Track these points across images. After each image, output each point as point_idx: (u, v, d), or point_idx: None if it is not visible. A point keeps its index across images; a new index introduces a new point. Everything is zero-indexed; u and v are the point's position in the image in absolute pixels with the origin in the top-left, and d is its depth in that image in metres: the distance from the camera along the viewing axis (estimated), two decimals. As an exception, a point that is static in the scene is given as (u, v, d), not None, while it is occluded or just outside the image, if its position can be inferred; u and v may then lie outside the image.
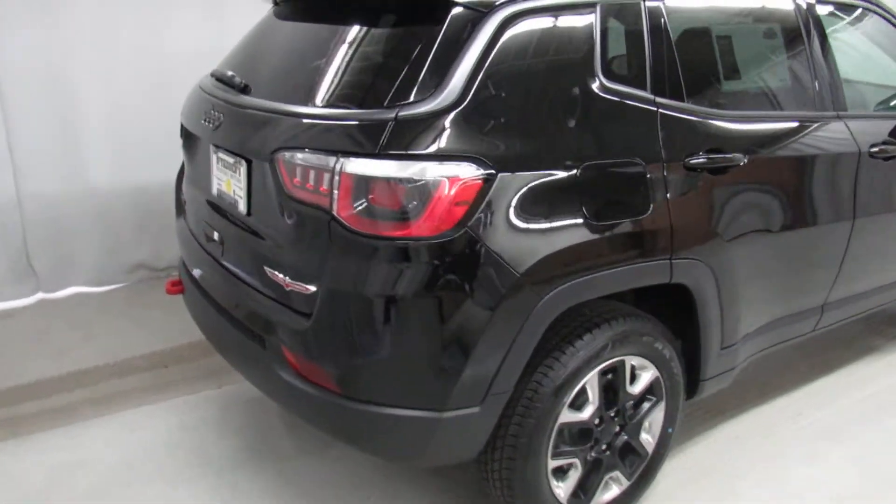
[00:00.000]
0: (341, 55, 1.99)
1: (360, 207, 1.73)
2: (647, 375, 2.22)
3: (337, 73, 1.96)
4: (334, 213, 1.75)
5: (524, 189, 1.79)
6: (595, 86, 1.94)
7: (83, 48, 3.81)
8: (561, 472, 2.14)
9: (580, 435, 2.13)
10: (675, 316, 2.27)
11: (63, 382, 3.17)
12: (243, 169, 2.11)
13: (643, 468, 2.34)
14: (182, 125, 2.57)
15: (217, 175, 2.31)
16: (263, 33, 2.42)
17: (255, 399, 3.05)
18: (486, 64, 1.79)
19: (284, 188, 1.86)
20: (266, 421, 2.90)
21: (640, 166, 1.99)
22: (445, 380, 1.79)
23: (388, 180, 1.70)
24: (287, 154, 1.85)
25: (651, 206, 2.00)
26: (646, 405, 2.27)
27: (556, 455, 2.08)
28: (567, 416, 2.05)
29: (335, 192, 1.74)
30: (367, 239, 1.73)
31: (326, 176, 1.76)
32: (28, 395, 3.07)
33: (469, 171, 1.72)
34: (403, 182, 1.70)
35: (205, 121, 2.24)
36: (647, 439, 2.31)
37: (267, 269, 1.99)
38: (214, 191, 2.34)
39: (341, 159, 1.73)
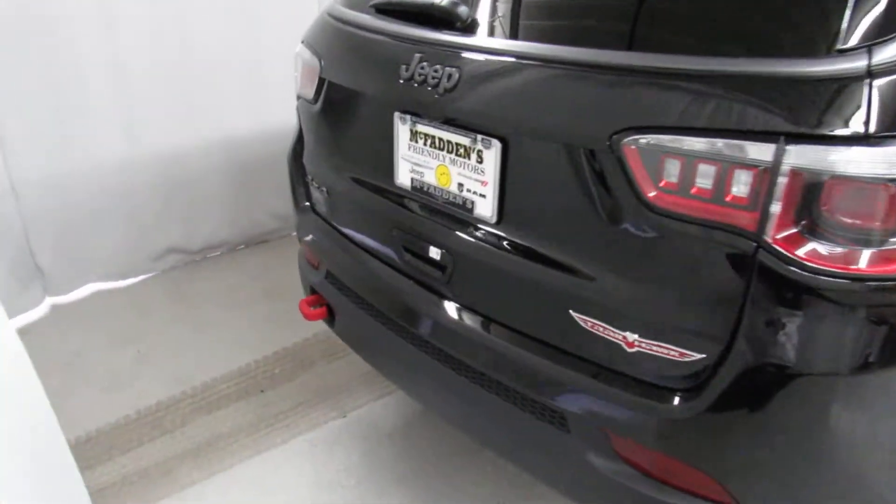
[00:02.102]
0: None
1: (815, 228, 1.03)
2: None
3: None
4: (767, 237, 1.05)
5: None
6: None
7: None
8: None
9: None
10: None
11: (136, 430, 2.41)
12: (492, 154, 1.36)
13: None
14: (325, 83, 1.74)
15: (410, 158, 1.55)
16: None
17: (401, 429, 2.37)
18: None
19: (640, 194, 1.14)
20: (430, 460, 2.24)
21: None
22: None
23: (876, 181, 1.00)
24: (649, 139, 1.11)
25: None
26: None
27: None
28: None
29: (774, 203, 1.03)
30: (820, 278, 1.04)
31: (747, 176, 1.04)
32: (95, 454, 2.30)
33: None
34: (897, 182, 1.00)
35: (411, 79, 1.44)
36: None
37: (578, 316, 1.28)
38: (405, 181, 1.58)
39: (787, 147, 1.01)
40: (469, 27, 1.41)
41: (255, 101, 3.41)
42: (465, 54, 1.37)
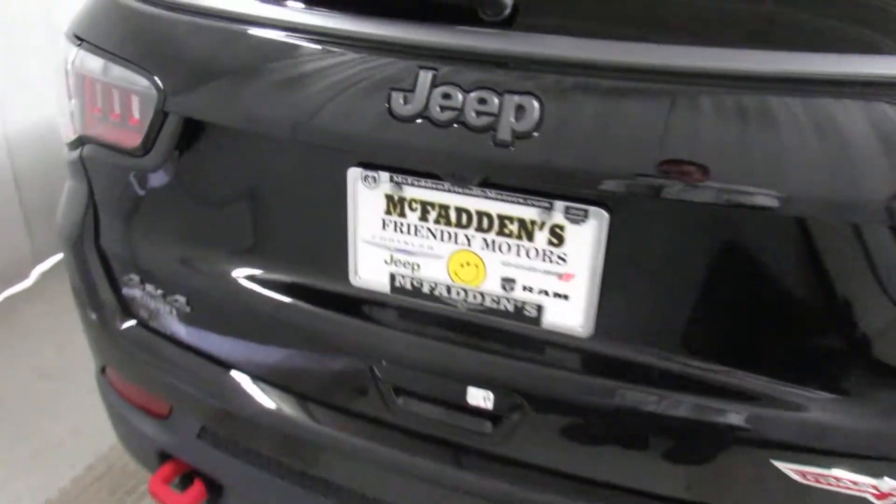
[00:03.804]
0: None
1: None
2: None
3: None
4: None
5: None
6: None
7: None
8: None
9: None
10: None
11: None
12: (586, 231, 0.82)
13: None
14: (170, 120, 0.96)
15: (387, 242, 0.92)
16: None
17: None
18: None
19: None
20: None
21: None
22: None
23: None
24: None
25: None
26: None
27: None
28: None
29: None
30: None
31: None
32: None
33: None
34: None
35: (421, 116, 0.80)
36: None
37: (788, 467, 0.82)
38: (375, 279, 0.94)
39: None
40: (511, 19, 0.81)
41: None
42: (557, 71, 0.77)
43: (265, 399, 1.07)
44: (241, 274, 1.03)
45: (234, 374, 1.08)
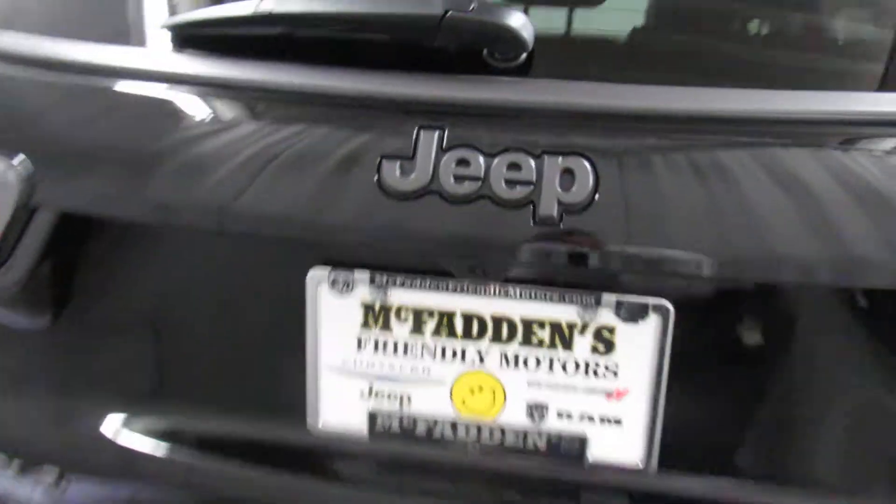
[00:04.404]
0: None
1: None
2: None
3: None
4: None
5: None
6: None
7: None
8: None
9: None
10: None
11: None
12: (646, 332, 0.62)
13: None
14: (39, 218, 0.67)
15: (362, 369, 0.67)
16: None
17: None
18: None
19: None
20: None
21: None
22: None
23: None
24: None
25: None
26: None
27: None
28: None
29: None
30: None
31: None
32: None
33: None
34: None
35: (427, 192, 0.58)
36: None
37: None
38: (345, 421, 0.69)
39: None
40: (525, 67, 0.63)
41: None
42: (612, 125, 0.58)
43: None
44: (146, 429, 0.72)
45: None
